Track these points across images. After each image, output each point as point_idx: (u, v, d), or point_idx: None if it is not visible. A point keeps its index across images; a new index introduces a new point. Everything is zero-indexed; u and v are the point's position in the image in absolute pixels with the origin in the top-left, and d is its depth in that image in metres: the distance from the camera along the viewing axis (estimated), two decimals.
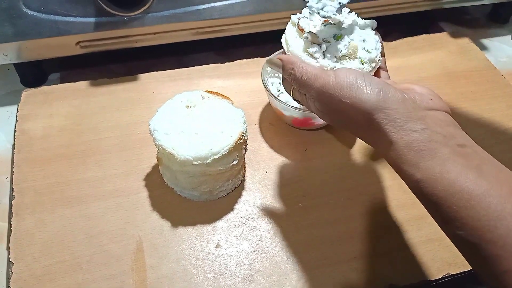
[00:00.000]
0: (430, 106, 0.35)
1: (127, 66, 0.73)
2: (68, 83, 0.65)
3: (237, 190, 0.54)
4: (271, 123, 0.62)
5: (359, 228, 0.51)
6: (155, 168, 0.55)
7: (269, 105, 0.62)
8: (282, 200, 0.53)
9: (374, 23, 0.45)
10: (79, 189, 0.52)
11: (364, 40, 0.43)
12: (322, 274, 0.47)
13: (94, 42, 0.63)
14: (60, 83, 0.68)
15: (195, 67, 0.69)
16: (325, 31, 0.43)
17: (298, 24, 0.45)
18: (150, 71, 0.68)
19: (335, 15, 0.43)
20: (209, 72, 0.69)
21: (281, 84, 0.61)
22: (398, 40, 0.75)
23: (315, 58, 0.42)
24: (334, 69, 0.40)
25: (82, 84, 0.65)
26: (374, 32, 0.45)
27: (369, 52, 0.42)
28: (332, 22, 0.43)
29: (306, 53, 0.42)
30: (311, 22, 0.44)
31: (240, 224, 0.51)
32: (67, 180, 0.53)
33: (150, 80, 0.67)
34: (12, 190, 0.52)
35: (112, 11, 0.58)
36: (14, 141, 0.57)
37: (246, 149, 0.52)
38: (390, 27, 0.79)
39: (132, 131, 0.59)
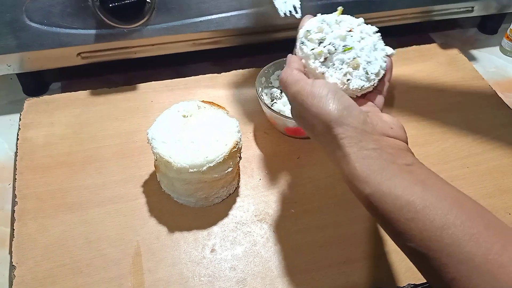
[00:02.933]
0: (388, 133, 0.38)
1: (126, 76, 0.75)
2: (69, 93, 0.67)
3: (232, 196, 0.56)
4: (265, 131, 0.64)
5: (348, 233, 0.53)
6: (153, 175, 0.57)
7: (263, 114, 0.64)
8: (275, 206, 0.55)
9: (392, 52, 0.46)
10: (79, 196, 0.54)
11: (369, 62, 0.44)
12: (312, 278, 0.49)
13: (95, 53, 0.65)
14: (61, 92, 0.69)
15: (192, 77, 0.71)
16: (339, 36, 0.43)
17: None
18: (149, 81, 0.70)
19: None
20: (205, 82, 0.71)
21: (273, 94, 0.63)
22: None
23: (314, 58, 0.43)
24: (320, 73, 0.42)
25: (83, 94, 0.67)
26: (386, 58, 0.46)
27: (367, 74, 0.43)
28: (353, 30, 0.44)
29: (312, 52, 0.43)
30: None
31: (234, 230, 0.52)
32: (67, 187, 0.55)
33: (148, 90, 0.68)
34: (14, 196, 0.54)
35: (112, 24, 0.60)
36: (17, 148, 0.59)
37: (240, 157, 0.54)
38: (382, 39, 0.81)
39: (131, 139, 0.61)
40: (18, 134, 0.61)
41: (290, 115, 0.59)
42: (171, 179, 0.51)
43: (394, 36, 0.83)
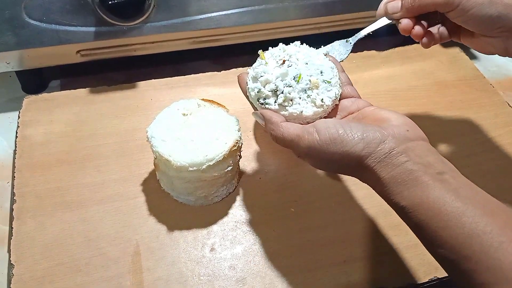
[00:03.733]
0: (407, 137, 0.38)
1: (126, 74, 0.74)
2: (68, 90, 0.67)
3: (232, 195, 0.56)
4: (265, 130, 0.63)
5: (349, 232, 0.52)
6: (152, 174, 0.56)
7: None
8: (275, 205, 0.55)
9: (326, 51, 0.48)
10: (78, 194, 0.54)
11: (322, 72, 0.44)
12: (313, 277, 0.48)
13: (94, 51, 0.65)
14: (61, 90, 0.69)
15: (192, 75, 0.71)
16: (284, 74, 0.43)
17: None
18: (148, 79, 0.69)
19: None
20: (205, 80, 0.70)
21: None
22: (389, 50, 0.77)
23: (284, 107, 0.42)
24: (313, 122, 0.41)
25: (82, 92, 0.67)
26: (326, 57, 0.46)
27: (329, 82, 0.43)
28: (288, 60, 0.44)
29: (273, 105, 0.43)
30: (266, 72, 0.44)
31: (234, 228, 0.52)
32: (67, 185, 0.55)
33: (148, 88, 0.68)
34: (13, 194, 0.53)
35: (112, 21, 0.59)
36: (16, 146, 0.59)
37: (240, 156, 0.54)
38: (382, 37, 0.81)
39: (130, 138, 0.61)
40: (17, 132, 0.60)
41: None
42: (171, 178, 0.51)
43: (395, 34, 0.82)
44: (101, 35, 0.62)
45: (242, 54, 0.77)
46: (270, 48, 0.47)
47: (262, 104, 0.43)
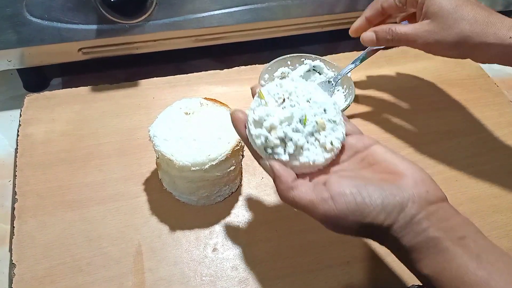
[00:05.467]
0: (428, 200, 0.35)
1: (128, 72, 0.74)
2: (70, 89, 0.67)
3: (234, 195, 0.55)
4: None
5: None
6: (154, 173, 0.56)
7: None
8: (277, 205, 0.54)
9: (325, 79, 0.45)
10: (80, 193, 0.54)
11: (325, 110, 0.40)
12: (315, 278, 0.48)
13: (96, 49, 0.64)
14: (62, 88, 0.69)
15: (194, 73, 0.70)
16: (290, 118, 0.39)
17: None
18: (150, 77, 0.69)
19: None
20: (208, 79, 0.70)
21: None
22: (393, 49, 0.77)
23: (295, 157, 0.39)
24: (326, 187, 0.36)
25: (84, 90, 0.66)
26: (325, 92, 0.43)
27: (335, 121, 0.40)
28: (288, 97, 0.40)
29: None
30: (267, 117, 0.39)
31: (236, 229, 0.52)
32: (68, 184, 0.54)
33: (150, 86, 0.68)
34: (14, 193, 0.53)
35: (114, 19, 0.59)
36: (17, 145, 0.58)
37: (243, 155, 0.53)
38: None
39: (132, 136, 0.61)
40: (18, 130, 0.60)
41: None
42: (173, 177, 0.50)
43: None
44: (103, 33, 0.62)
45: (245, 52, 0.77)
46: (262, 82, 0.44)
47: (270, 154, 0.39)
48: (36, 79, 0.71)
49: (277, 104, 0.40)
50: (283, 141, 0.38)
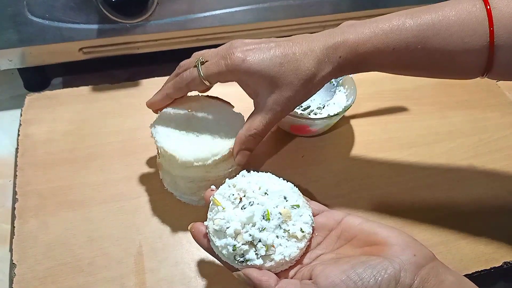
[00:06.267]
0: (418, 263, 0.34)
1: (129, 71, 0.74)
2: (71, 88, 0.66)
3: None
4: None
5: None
6: (156, 173, 0.56)
7: None
8: None
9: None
10: (81, 193, 0.54)
11: (285, 197, 0.39)
12: None
13: (97, 48, 0.64)
14: (63, 87, 0.69)
15: None
16: (251, 217, 0.37)
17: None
18: (152, 77, 0.69)
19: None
20: None
21: None
22: None
23: (269, 256, 0.37)
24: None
25: (85, 89, 0.66)
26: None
27: (298, 206, 0.39)
28: (244, 196, 0.39)
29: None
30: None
31: None
32: (69, 184, 0.54)
33: (152, 86, 0.68)
34: (15, 193, 0.53)
35: (115, 19, 0.59)
36: (18, 145, 0.58)
37: None
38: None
39: (134, 136, 0.60)
40: (19, 130, 0.60)
41: (295, 114, 0.59)
42: (174, 177, 0.50)
43: None
44: (104, 33, 0.61)
45: None
46: (213, 186, 0.42)
47: (242, 262, 0.37)
48: (37, 78, 0.71)
49: (234, 205, 0.39)
50: (252, 244, 0.37)
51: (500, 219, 0.55)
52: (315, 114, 0.61)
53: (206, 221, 0.40)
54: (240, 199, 0.39)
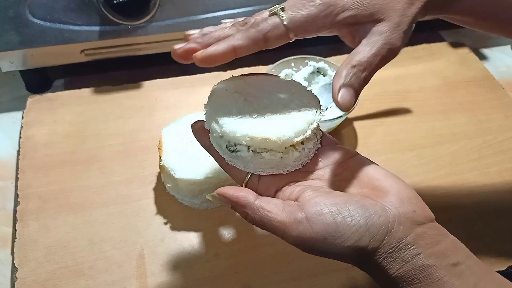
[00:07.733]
0: (415, 220, 0.32)
1: (131, 73, 0.73)
2: (72, 90, 0.66)
3: None
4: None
5: None
6: (157, 176, 0.56)
7: None
8: None
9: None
10: (82, 196, 0.53)
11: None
12: (320, 282, 0.48)
13: (98, 50, 0.64)
14: (64, 89, 0.69)
15: (198, 75, 0.70)
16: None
17: None
18: (153, 79, 0.69)
19: None
20: (211, 80, 0.69)
21: None
22: None
23: (259, 154, 0.34)
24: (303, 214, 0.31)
25: (86, 91, 0.66)
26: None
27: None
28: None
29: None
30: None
31: (239, 232, 0.51)
32: (70, 187, 0.54)
33: (153, 88, 0.68)
34: (16, 195, 0.53)
35: (116, 20, 0.59)
36: (19, 147, 0.58)
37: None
38: None
39: (135, 138, 0.60)
40: (20, 132, 0.60)
41: None
42: (176, 180, 0.50)
43: None
44: (106, 35, 0.61)
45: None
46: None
47: (233, 152, 0.34)
48: (39, 80, 0.71)
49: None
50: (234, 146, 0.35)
51: (504, 222, 0.54)
52: None
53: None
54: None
